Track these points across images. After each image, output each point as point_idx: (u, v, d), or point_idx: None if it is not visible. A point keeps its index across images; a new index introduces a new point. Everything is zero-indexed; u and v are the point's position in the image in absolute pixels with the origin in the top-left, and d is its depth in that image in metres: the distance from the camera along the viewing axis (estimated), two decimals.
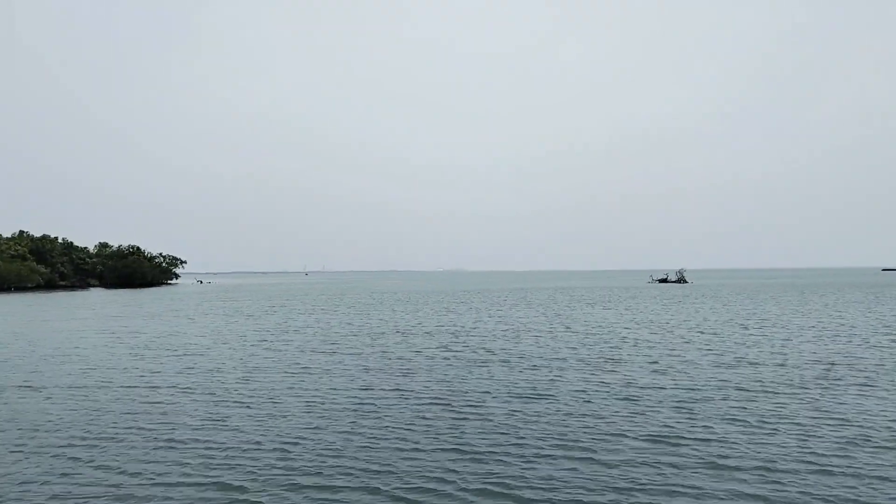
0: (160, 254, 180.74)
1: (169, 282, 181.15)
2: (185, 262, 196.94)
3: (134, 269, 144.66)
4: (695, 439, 12.44)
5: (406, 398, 16.93)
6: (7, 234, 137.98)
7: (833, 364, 21.77)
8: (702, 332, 32.89)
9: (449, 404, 15.97)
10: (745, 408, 15.20)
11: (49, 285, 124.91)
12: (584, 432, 13.06)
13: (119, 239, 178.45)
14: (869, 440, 12.27)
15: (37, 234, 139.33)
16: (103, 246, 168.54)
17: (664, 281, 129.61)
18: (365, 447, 12.20)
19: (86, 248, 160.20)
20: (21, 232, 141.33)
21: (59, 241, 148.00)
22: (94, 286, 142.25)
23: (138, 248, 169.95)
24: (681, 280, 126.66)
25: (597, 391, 17.52)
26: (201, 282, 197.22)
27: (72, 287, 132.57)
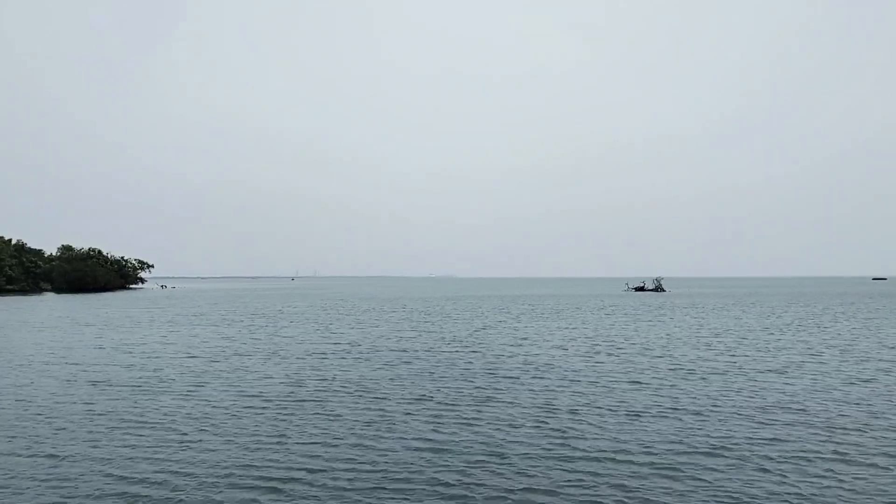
0: (122, 258, 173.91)
1: (131, 286, 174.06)
2: (153, 267, 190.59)
3: (85, 273, 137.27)
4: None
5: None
6: None
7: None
8: (647, 348, 28.03)
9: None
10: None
11: None
12: None
13: (95, 243, 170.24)
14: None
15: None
16: (67, 249, 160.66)
17: (641, 289, 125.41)
18: None
19: (41, 250, 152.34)
20: None
21: (13, 242, 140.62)
22: (46, 291, 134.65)
23: (99, 252, 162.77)
24: (658, 289, 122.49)
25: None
26: (164, 286, 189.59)
27: (20, 292, 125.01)
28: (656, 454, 11.93)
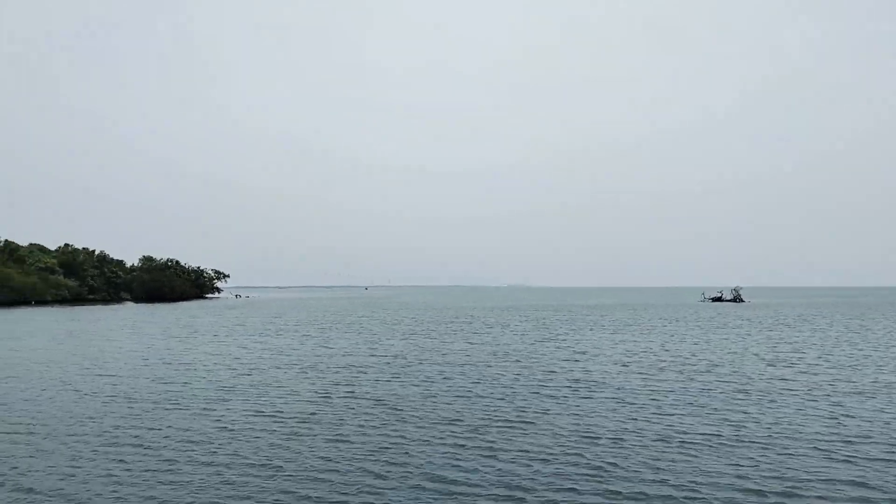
0: (199, 268, 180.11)
1: (207, 296, 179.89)
2: (228, 276, 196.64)
3: (162, 283, 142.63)
4: None
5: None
6: (53, 247, 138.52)
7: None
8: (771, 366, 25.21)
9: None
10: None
11: (77, 299, 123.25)
12: None
13: (177, 256, 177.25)
14: None
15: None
16: (147, 259, 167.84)
17: (718, 300, 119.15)
18: None
19: (122, 261, 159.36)
20: (66, 245, 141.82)
21: (97, 253, 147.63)
22: (126, 300, 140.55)
23: (177, 262, 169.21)
24: (736, 299, 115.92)
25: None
26: (238, 296, 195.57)
27: (101, 301, 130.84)
28: (706, 497, 9.82)
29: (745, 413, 16.52)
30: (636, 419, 15.78)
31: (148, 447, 13.31)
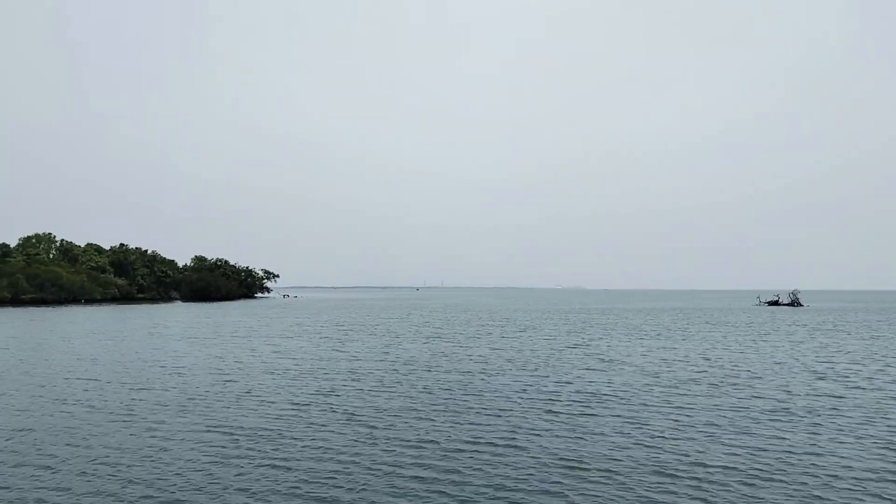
0: (248, 268, 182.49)
1: (256, 296, 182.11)
2: (278, 276, 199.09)
3: (208, 283, 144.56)
4: None
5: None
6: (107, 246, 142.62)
7: None
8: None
9: None
10: None
11: (127, 297, 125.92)
12: None
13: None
14: None
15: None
16: (199, 259, 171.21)
17: (775, 303, 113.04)
18: None
19: (173, 261, 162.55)
20: (121, 245, 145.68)
21: (149, 253, 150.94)
22: (175, 299, 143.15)
23: (226, 262, 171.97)
24: (794, 303, 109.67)
25: None
26: (286, 296, 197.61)
27: (150, 300, 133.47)
28: None
29: (781, 439, 13.83)
30: (644, 444, 13.34)
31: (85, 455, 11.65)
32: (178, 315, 72.63)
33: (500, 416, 16.27)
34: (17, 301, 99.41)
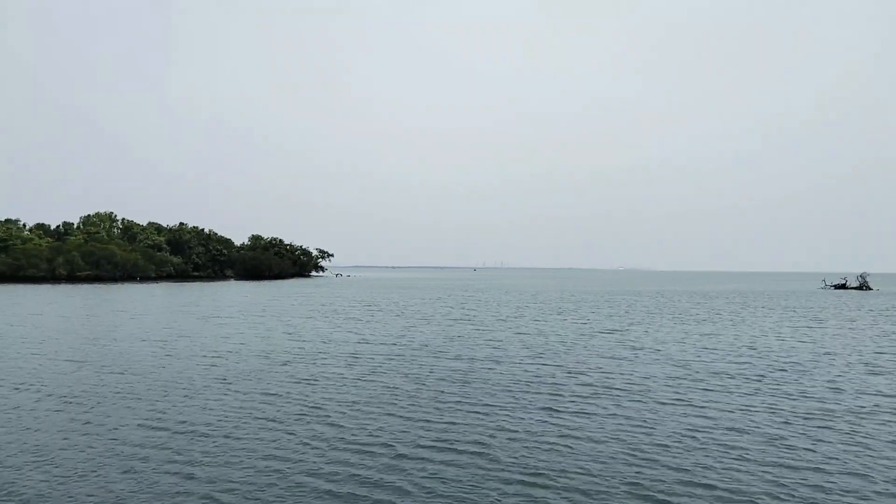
0: (302, 246, 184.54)
1: (310, 274, 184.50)
2: (332, 256, 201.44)
3: (260, 262, 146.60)
4: None
5: None
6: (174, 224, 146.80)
7: None
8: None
9: None
10: None
11: (182, 275, 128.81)
12: None
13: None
14: None
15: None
16: (256, 238, 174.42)
17: (842, 287, 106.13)
18: None
19: (229, 239, 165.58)
20: (181, 224, 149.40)
21: (206, 231, 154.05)
22: (230, 277, 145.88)
23: (280, 241, 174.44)
24: (863, 286, 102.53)
25: None
26: (339, 275, 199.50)
27: (206, 278, 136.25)
28: None
29: (811, 451, 11.37)
30: (649, 455, 11.13)
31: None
32: (221, 293, 73.17)
33: (482, 414, 14.28)
34: (72, 278, 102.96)
